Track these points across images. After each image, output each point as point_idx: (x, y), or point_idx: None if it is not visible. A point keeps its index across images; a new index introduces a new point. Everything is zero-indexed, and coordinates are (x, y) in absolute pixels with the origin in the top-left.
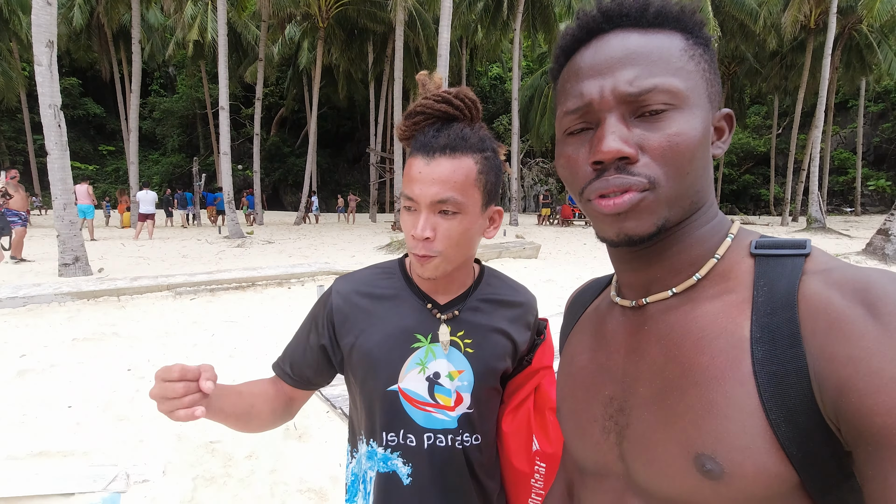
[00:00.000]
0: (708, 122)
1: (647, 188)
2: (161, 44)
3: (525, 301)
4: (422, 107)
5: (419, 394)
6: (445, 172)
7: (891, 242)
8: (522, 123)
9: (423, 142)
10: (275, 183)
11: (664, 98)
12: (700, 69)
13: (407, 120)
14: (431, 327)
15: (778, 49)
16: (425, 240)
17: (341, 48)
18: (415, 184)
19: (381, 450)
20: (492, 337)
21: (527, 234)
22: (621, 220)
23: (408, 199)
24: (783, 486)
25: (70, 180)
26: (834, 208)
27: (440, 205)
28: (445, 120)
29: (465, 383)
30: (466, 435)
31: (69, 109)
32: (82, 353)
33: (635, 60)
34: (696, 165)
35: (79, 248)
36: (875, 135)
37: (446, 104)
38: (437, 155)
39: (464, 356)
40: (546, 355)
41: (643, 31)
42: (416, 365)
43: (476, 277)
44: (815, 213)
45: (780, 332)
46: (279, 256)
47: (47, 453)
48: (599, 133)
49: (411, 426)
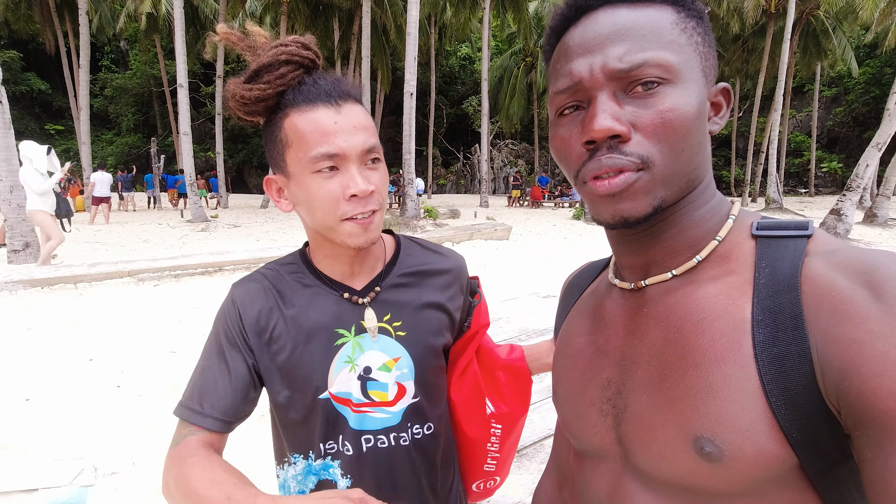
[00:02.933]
0: (703, 97)
1: (642, 168)
2: (111, 15)
3: (454, 265)
4: (287, 55)
5: (352, 394)
6: (362, 118)
7: (842, 222)
8: (492, 104)
9: (318, 90)
10: (239, 165)
11: (656, 72)
12: (693, 42)
13: (265, 74)
14: (354, 317)
15: (740, 33)
16: (370, 194)
17: (306, 24)
18: (334, 136)
19: (319, 460)
20: (424, 313)
21: (497, 215)
22: (616, 202)
23: (327, 158)
24: (782, 468)
25: (15, 160)
26: (790, 189)
27: (369, 154)
28: (311, 69)
29: (405, 370)
30: (416, 427)
31: (10, 85)
32: (38, 343)
33: (625, 35)
34: (690, 142)
35: (28, 234)
36: (828, 118)
37: (309, 50)
38: (344, 101)
39: (396, 341)
40: (482, 315)
41: (632, 6)
42: (344, 364)
43: (393, 250)
44: (773, 193)
45: (782, 315)
46: (246, 240)
47: (6, 448)
48: (591, 112)
49: (347, 432)
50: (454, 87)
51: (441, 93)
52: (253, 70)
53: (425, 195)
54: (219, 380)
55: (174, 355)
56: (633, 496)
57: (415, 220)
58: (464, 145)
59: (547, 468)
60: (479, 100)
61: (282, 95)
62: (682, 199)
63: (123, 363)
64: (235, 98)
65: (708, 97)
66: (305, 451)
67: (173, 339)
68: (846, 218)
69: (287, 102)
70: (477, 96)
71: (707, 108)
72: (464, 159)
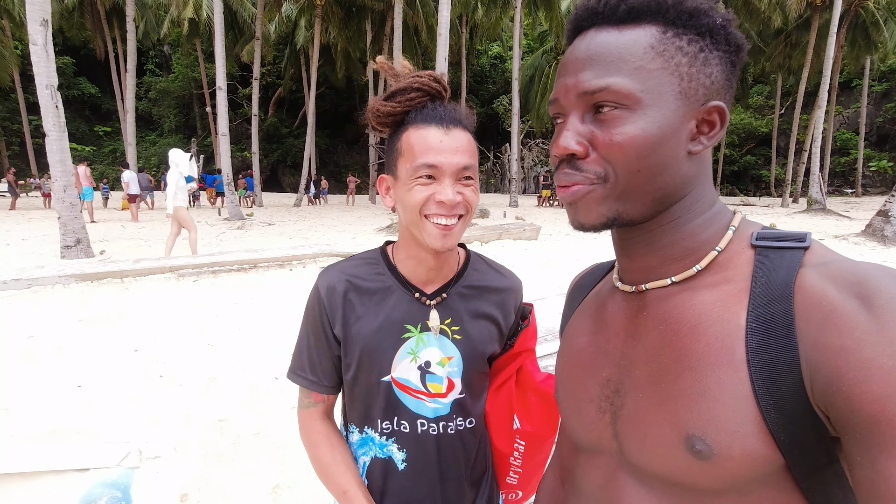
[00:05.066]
0: (671, 121)
1: (596, 182)
2: (155, 21)
3: (511, 286)
4: (418, 83)
5: (412, 382)
6: (464, 142)
7: (890, 224)
8: (522, 103)
9: (434, 114)
10: (273, 164)
11: (613, 98)
12: (671, 65)
13: (398, 96)
14: (421, 316)
15: (782, 27)
16: (455, 204)
17: (339, 26)
18: (437, 153)
19: (378, 437)
20: (478, 322)
21: (527, 215)
22: (574, 210)
23: (427, 168)
24: (769, 468)
25: (69, 162)
26: (835, 189)
27: (464, 171)
28: (437, 98)
29: (455, 369)
30: (460, 420)
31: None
32: (89, 334)
33: (594, 61)
34: (648, 163)
35: (80, 231)
36: (878, 115)
37: (439, 84)
38: (453, 126)
39: (452, 342)
40: (528, 339)
41: (616, 28)
42: (407, 354)
43: (462, 264)
44: (816, 194)
45: (774, 323)
46: (279, 238)
47: (60, 431)
48: (557, 129)
49: (405, 413)
50: (485, 86)
51: (472, 92)
52: (391, 91)
53: None
54: (322, 356)
55: (212, 348)
56: (626, 489)
57: None
58: (494, 144)
59: (551, 462)
60: (509, 99)
61: (407, 114)
62: (667, 212)
63: (165, 354)
64: (372, 111)
65: (695, 116)
66: (362, 426)
67: (211, 332)
68: (894, 220)
69: (409, 120)
70: (508, 95)
71: (687, 129)
72: (494, 159)
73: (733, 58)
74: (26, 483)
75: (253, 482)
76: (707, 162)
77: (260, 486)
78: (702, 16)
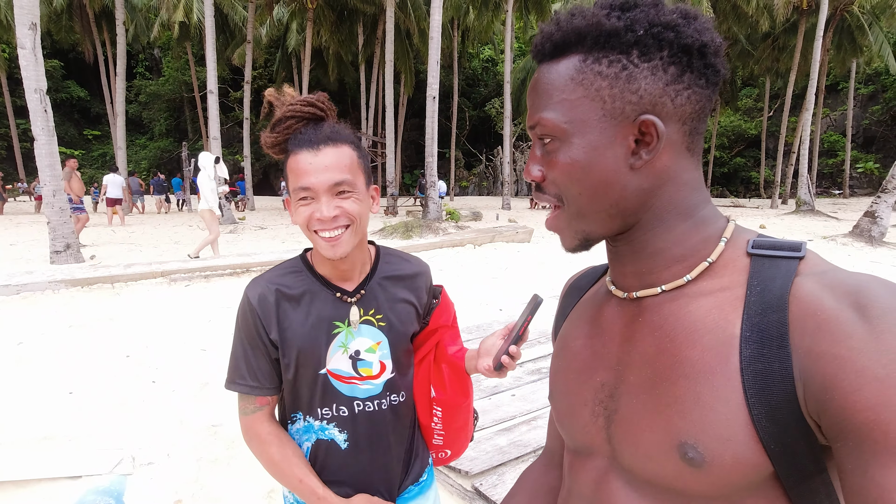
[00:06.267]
0: (599, 144)
1: (558, 205)
2: (145, 25)
3: (419, 270)
4: (291, 111)
5: (345, 370)
6: (334, 159)
7: (877, 224)
8: (515, 106)
9: (304, 138)
10: (265, 168)
11: (545, 131)
12: (591, 92)
13: (277, 126)
14: (345, 313)
15: (770, 30)
16: (333, 219)
17: (331, 30)
18: (308, 175)
19: (318, 422)
20: (397, 307)
21: (519, 218)
22: (559, 238)
23: (303, 190)
24: (759, 476)
25: (58, 166)
26: (823, 191)
27: (337, 187)
28: (313, 121)
29: (385, 352)
30: (393, 396)
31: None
32: (80, 340)
33: (532, 97)
34: (586, 186)
35: (69, 235)
36: (864, 117)
37: (312, 107)
38: (322, 146)
39: (378, 329)
40: (443, 316)
41: (549, 63)
42: (339, 347)
43: (374, 258)
44: (804, 195)
45: (768, 333)
46: (272, 242)
47: (52, 438)
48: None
49: (342, 399)
50: (477, 89)
51: (464, 95)
52: (273, 122)
53: (447, 197)
54: (261, 361)
55: (204, 353)
56: (617, 493)
57: (437, 223)
58: (486, 147)
59: (540, 457)
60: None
61: (287, 141)
62: (639, 224)
63: (157, 360)
64: (262, 142)
65: (630, 133)
66: (305, 414)
67: (203, 337)
68: (881, 220)
69: (289, 146)
70: (500, 98)
71: (623, 146)
72: (486, 161)
73: (676, 59)
74: (18, 491)
75: (247, 487)
76: (668, 173)
77: (254, 490)
78: (622, 33)
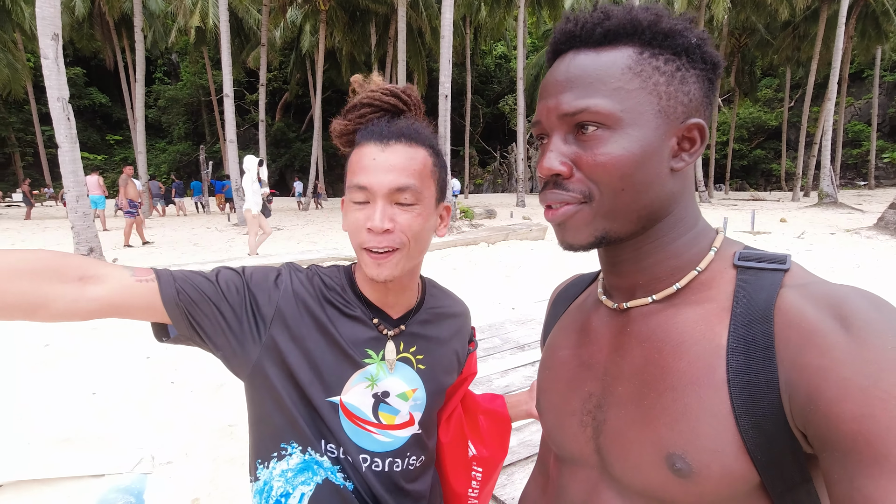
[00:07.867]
0: (654, 139)
1: (583, 201)
2: (163, 31)
3: (463, 311)
4: (369, 99)
5: (361, 410)
6: (403, 159)
7: None
8: (528, 103)
9: (376, 130)
10: (281, 169)
11: (594, 118)
12: (649, 85)
13: (351, 113)
14: (381, 345)
15: (790, 19)
16: (384, 232)
17: (343, 31)
18: (368, 172)
19: (322, 458)
20: (441, 351)
21: (534, 215)
22: (563, 231)
23: (358, 189)
24: (746, 487)
25: (81, 172)
26: (847, 182)
27: (398, 194)
28: (393, 114)
29: (419, 402)
30: (413, 457)
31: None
32: (103, 342)
33: (573, 83)
34: (632, 182)
35: (93, 239)
36: (890, 105)
37: (394, 97)
38: (393, 142)
39: (416, 374)
40: (473, 363)
41: (594, 50)
42: (364, 379)
43: (422, 289)
44: (827, 187)
45: (755, 344)
46: (288, 243)
47: (76, 437)
48: (542, 150)
49: (348, 444)
50: (490, 86)
51: (477, 92)
52: (346, 108)
53: (462, 195)
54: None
55: None
56: (608, 502)
57: (451, 221)
58: (500, 144)
59: (533, 472)
60: (515, 98)
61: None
62: (652, 230)
63: (176, 361)
64: (331, 129)
65: (675, 134)
66: (305, 447)
67: None
68: None
69: (357, 137)
70: (513, 95)
71: (668, 146)
72: (500, 158)
73: (710, 75)
74: (44, 489)
75: None
76: (689, 180)
77: None
78: (677, 36)
